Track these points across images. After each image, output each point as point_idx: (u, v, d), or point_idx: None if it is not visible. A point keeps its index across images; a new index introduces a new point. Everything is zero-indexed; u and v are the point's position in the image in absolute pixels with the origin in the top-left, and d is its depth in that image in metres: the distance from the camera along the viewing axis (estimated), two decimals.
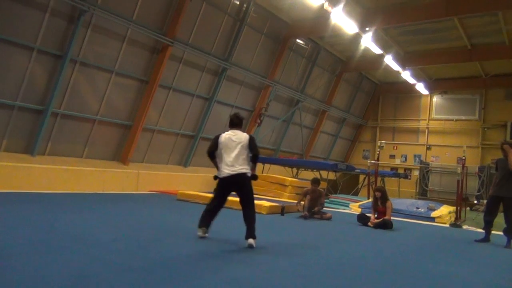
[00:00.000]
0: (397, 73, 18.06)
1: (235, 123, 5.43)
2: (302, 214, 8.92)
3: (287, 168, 16.56)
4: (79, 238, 4.80)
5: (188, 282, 3.52)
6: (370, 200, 10.90)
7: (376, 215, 8.50)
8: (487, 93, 20.45)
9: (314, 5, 12.05)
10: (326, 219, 8.98)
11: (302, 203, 9.19)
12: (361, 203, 11.85)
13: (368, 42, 14.13)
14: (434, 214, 10.65)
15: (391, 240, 7.08)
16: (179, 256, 4.44)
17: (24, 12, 8.98)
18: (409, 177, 20.73)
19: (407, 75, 18.30)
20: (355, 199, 13.32)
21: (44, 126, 9.84)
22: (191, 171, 13.96)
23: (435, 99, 21.98)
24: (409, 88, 20.78)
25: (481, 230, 7.91)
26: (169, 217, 7.54)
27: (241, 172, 5.16)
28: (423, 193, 19.88)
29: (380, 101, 23.65)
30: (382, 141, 15.64)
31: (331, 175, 16.26)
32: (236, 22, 13.58)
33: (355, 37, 14.50)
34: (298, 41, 16.41)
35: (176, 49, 11.83)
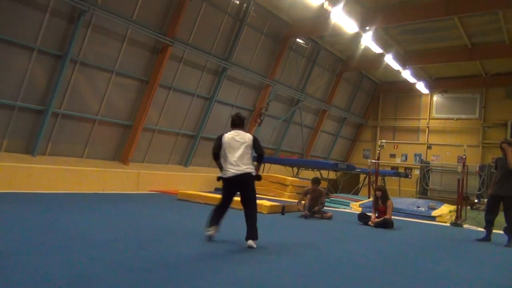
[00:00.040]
0: (397, 72, 18.04)
1: (237, 123, 5.42)
2: (302, 213, 8.92)
3: (287, 167, 16.59)
4: (79, 238, 4.80)
5: (188, 282, 3.51)
6: (370, 200, 10.89)
7: (377, 214, 8.50)
8: (488, 92, 20.43)
9: (314, 4, 12.05)
10: (326, 218, 8.98)
11: (303, 202, 9.19)
12: (361, 202, 11.85)
13: (368, 42, 14.11)
14: (435, 213, 10.64)
15: (391, 239, 7.08)
16: (179, 256, 4.44)
17: (24, 12, 8.99)
18: (410, 176, 20.73)
19: (407, 74, 18.27)
20: (355, 198, 13.32)
21: (45, 126, 9.85)
22: (192, 171, 13.97)
23: (435, 98, 21.95)
24: (409, 87, 20.77)
25: (481, 229, 7.91)
26: (169, 217, 7.55)
27: (246, 172, 5.14)
28: (423, 192, 19.91)
29: (380, 100, 23.63)
30: (383, 140, 15.62)
31: (331, 175, 16.25)
32: (236, 22, 13.58)
33: (355, 37, 14.49)
34: (298, 40, 16.40)
35: (176, 49, 11.84)
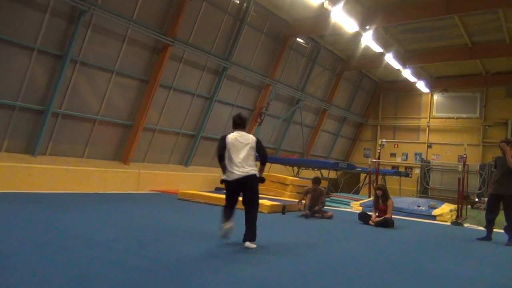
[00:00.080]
0: (398, 71, 18.02)
1: (238, 124, 5.41)
2: (303, 213, 8.92)
3: (288, 167, 16.58)
4: (80, 238, 4.81)
5: (188, 282, 3.52)
6: (371, 199, 10.89)
7: (377, 214, 8.50)
8: (488, 91, 20.39)
9: (314, 4, 12.03)
10: (327, 217, 8.98)
11: (303, 202, 9.19)
12: (362, 201, 11.85)
13: (368, 41, 14.09)
14: (435, 212, 10.65)
15: (392, 239, 7.08)
16: (179, 256, 4.44)
17: (24, 12, 8.99)
18: (410, 175, 20.74)
19: (407, 74, 18.24)
20: (356, 197, 13.33)
21: (45, 126, 9.85)
22: (192, 170, 13.97)
23: (435, 97, 21.92)
24: (409, 86, 20.74)
25: (482, 228, 7.91)
26: (169, 217, 7.56)
27: (250, 174, 5.13)
28: (424, 191, 19.90)
29: (380, 100, 23.60)
30: (383, 140, 15.61)
31: (332, 174, 16.25)
32: (236, 21, 13.57)
33: (355, 36, 14.48)
34: (298, 40, 16.38)
35: (176, 48, 11.83)
